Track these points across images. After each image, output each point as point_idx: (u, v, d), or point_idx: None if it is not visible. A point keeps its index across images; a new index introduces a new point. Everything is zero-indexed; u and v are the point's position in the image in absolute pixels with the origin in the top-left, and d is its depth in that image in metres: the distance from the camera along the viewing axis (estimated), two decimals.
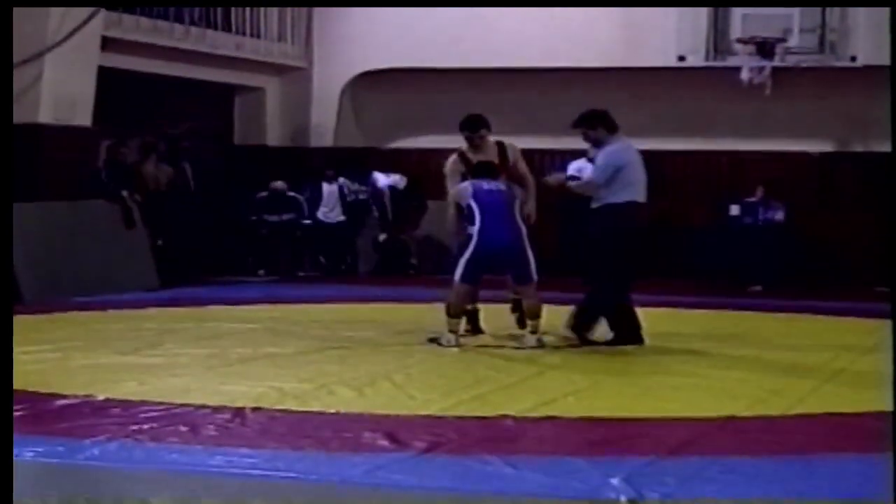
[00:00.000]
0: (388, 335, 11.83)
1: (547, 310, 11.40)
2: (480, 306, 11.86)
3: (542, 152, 19.01)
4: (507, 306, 11.99)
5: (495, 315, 12.19)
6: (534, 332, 11.22)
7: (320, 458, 6.79)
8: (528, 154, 18.05)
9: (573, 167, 18.29)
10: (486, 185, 11.24)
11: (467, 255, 11.07)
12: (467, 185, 11.32)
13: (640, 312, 11.28)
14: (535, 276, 11.21)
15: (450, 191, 11.62)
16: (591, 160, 18.24)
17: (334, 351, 10.82)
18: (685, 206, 18.99)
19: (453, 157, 11.93)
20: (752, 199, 18.14)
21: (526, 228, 11.29)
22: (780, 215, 18.04)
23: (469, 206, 11.12)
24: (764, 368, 10.21)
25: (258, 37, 19.33)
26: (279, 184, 18.97)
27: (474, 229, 11.04)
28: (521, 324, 11.64)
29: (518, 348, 11.08)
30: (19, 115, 13.13)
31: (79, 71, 15.56)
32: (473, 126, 11.91)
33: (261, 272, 18.61)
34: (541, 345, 11.16)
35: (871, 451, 6.68)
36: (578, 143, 18.51)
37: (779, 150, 18.95)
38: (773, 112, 18.52)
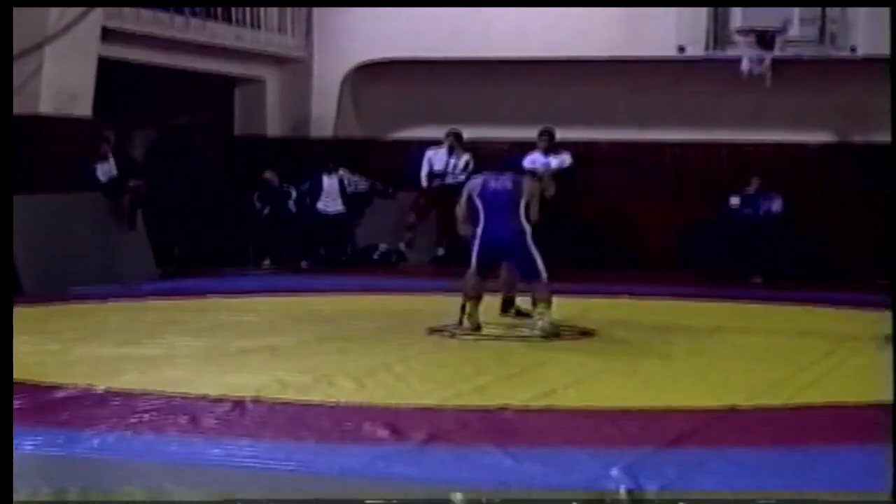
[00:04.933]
0: (388, 326, 11.84)
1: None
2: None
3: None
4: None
5: (496, 307, 12.22)
6: (541, 317, 11.29)
7: (320, 449, 6.80)
8: (527, 145, 18.18)
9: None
10: (493, 182, 11.53)
11: (475, 251, 11.48)
12: (478, 182, 11.62)
13: (643, 304, 11.28)
14: (543, 273, 11.28)
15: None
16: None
17: (334, 342, 10.82)
18: (685, 198, 18.99)
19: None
20: (749, 191, 18.10)
21: (531, 228, 11.41)
22: (777, 206, 17.98)
23: (474, 205, 11.46)
24: (764, 360, 10.21)
25: (258, 28, 19.31)
26: (269, 174, 18.90)
27: (478, 229, 11.44)
28: (518, 314, 11.84)
29: (527, 336, 11.15)
30: (19, 107, 13.11)
31: (79, 62, 15.55)
32: None
33: (265, 262, 18.59)
34: (556, 332, 11.22)
35: (871, 443, 6.68)
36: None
37: (779, 142, 18.95)
38: (773, 103, 18.51)
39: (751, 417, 7.87)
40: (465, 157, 18.34)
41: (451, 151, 18.39)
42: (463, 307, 11.64)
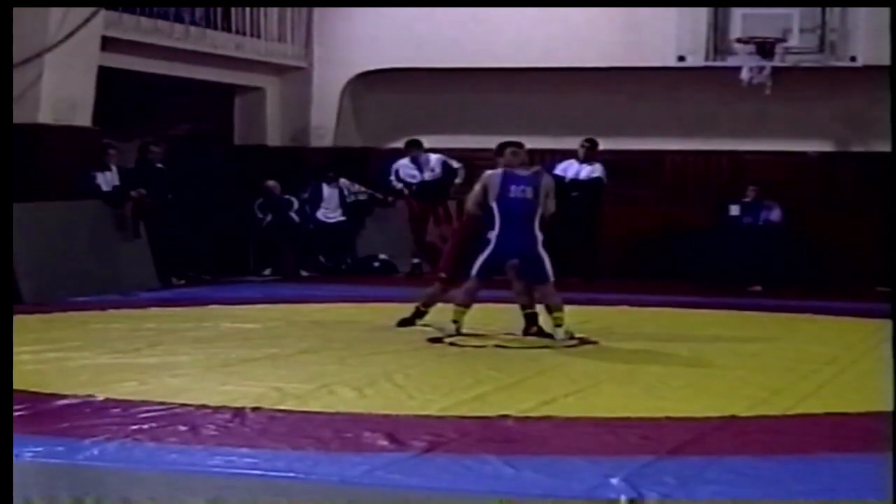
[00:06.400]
0: (388, 335, 11.83)
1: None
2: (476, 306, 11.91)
3: (542, 152, 19.04)
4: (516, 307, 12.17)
5: (497, 315, 12.22)
6: (559, 325, 11.44)
7: (320, 458, 6.78)
8: (528, 154, 18.17)
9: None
10: (513, 188, 11.44)
11: (484, 256, 11.51)
12: (497, 179, 11.52)
13: (642, 312, 11.30)
14: (551, 277, 11.48)
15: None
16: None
17: (334, 351, 10.82)
18: (685, 206, 19.00)
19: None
20: (746, 199, 18.13)
21: (543, 236, 11.50)
22: (775, 214, 18.03)
23: (490, 209, 11.49)
24: (764, 368, 10.20)
25: (258, 37, 19.33)
26: (271, 183, 18.93)
27: (493, 234, 11.47)
28: (527, 328, 11.77)
29: (544, 346, 11.23)
30: (19, 116, 13.12)
31: (79, 71, 15.55)
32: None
33: (266, 272, 18.60)
34: (570, 336, 11.42)
35: (872, 452, 6.67)
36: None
37: (778, 150, 18.96)
38: (773, 112, 18.54)
39: (751, 426, 7.86)
40: (435, 159, 18.45)
41: (415, 161, 18.49)
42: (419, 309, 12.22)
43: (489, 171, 11.76)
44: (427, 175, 18.45)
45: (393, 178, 18.70)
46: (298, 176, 19.32)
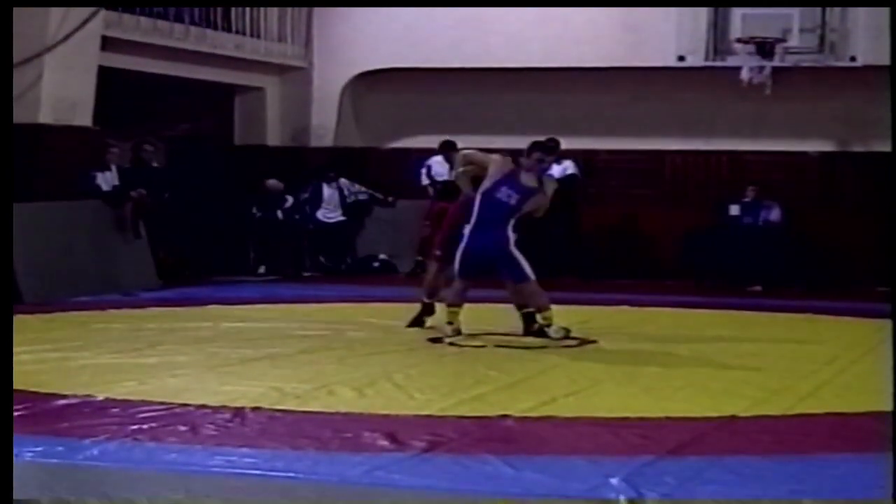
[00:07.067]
0: (388, 335, 11.84)
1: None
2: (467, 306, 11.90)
3: None
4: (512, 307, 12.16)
5: (497, 315, 12.21)
6: (549, 324, 11.43)
7: (320, 458, 6.79)
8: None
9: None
10: (503, 189, 11.43)
11: (459, 253, 11.52)
12: (501, 171, 11.48)
13: (643, 312, 11.28)
14: (531, 276, 11.43)
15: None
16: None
17: (334, 351, 10.82)
18: (685, 206, 19.00)
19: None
20: (746, 199, 18.14)
21: (516, 235, 11.44)
22: (775, 214, 18.04)
23: (473, 200, 11.50)
24: (764, 369, 10.20)
25: (258, 37, 19.33)
26: (273, 182, 18.92)
27: (467, 228, 11.51)
28: (527, 328, 11.75)
29: (544, 346, 11.21)
30: (19, 116, 13.11)
31: (79, 71, 15.55)
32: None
33: (260, 269, 18.61)
34: (570, 336, 11.41)
35: (871, 452, 6.67)
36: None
37: (778, 150, 18.96)
38: (773, 112, 18.54)
39: (751, 426, 7.86)
40: None
41: (448, 160, 18.41)
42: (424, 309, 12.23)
43: (501, 158, 11.68)
44: (453, 175, 18.37)
45: (424, 173, 18.59)
46: (298, 176, 19.32)
